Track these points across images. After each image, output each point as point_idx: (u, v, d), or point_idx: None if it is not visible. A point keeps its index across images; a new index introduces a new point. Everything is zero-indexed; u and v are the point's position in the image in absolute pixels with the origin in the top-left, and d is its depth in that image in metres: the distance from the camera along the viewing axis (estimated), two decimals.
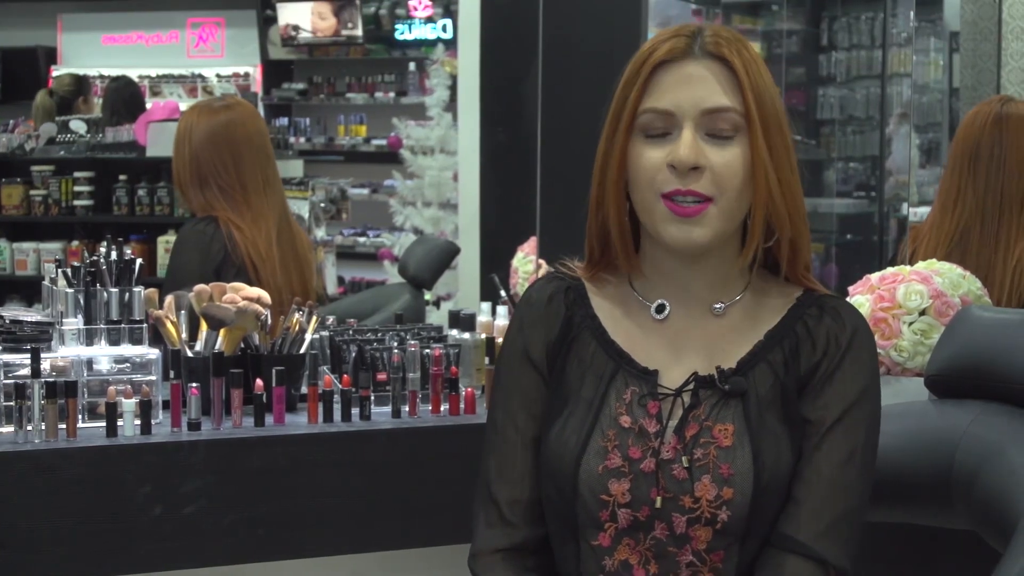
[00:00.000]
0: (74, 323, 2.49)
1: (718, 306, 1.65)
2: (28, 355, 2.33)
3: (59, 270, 2.57)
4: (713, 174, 1.57)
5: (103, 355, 2.48)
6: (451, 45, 7.22)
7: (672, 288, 1.66)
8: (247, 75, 9.01)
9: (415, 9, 8.61)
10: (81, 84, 6.97)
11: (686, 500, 1.56)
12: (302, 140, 8.73)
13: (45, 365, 2.37)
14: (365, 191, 8.55)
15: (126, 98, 6.31)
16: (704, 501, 1.56)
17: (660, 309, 1.66)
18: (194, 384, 2.42)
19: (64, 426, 2.33)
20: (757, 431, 1.57)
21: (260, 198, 3.26)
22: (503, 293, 3.42)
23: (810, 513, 1.57)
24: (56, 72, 8.97)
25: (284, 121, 8.53)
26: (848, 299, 2.40)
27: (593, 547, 1.60)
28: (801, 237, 1.63)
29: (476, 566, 1.68)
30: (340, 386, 2.54)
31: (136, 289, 2.56)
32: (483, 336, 2.77)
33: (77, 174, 5.57)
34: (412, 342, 2.66)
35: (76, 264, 2.57)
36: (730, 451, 1.56)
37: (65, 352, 2.46)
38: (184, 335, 2.55)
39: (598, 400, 1.63)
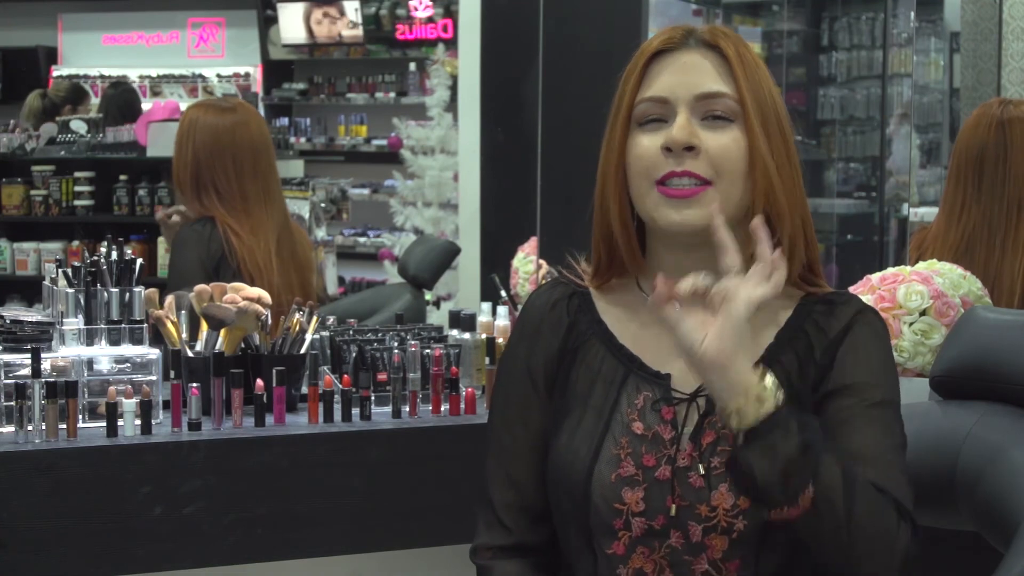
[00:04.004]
0: (74, 323, 2.49)
1: None
2: (28, 355, 2.33)
3: (59, 270, 2.57)
4: (709, 156, 1.56)
5: (103, 355, 2.48)
6: (451, 45, 7.22)
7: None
8: (247, 75, 9.01)
9: (415, 9, 8.61)
10: (75, 93, 6.92)
11: (702, 509, 1.55)
12: (302, 140, 8.73)
13: (45, 365, 2.37)
14: (365, 191, 8.54)
15: (120, 104, 6.31)
16: (721, 510, 1.54)
17: None
18: (194, 384, 2.42)
19: (64, 426, 2.32)
20: None
21: (260, 208, 3.23)
22: (503, 293, 3.41)
23: (875, 459, 1.55)
24: (57, 72, 8.97)
25: (284, 121, 8.53)
26: None
27: (608, 555, 1.59)
28: (799, 237, 1.61)
29: (476, 559, 1.69)
30: (340, 386, 2.54)
31: (136, 289, 2.56)
32: (483, 336, 2.76)
33: (77, 174, 5.56)
34: (412, 342, 2.65)
35: (76, 264, 2.56)
36: None
37: (65, 352, 2.45)
38: (184, 335, 2.55)
39: (608, 406, 1.61)
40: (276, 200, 3.30)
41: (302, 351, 2.59)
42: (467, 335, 2.81)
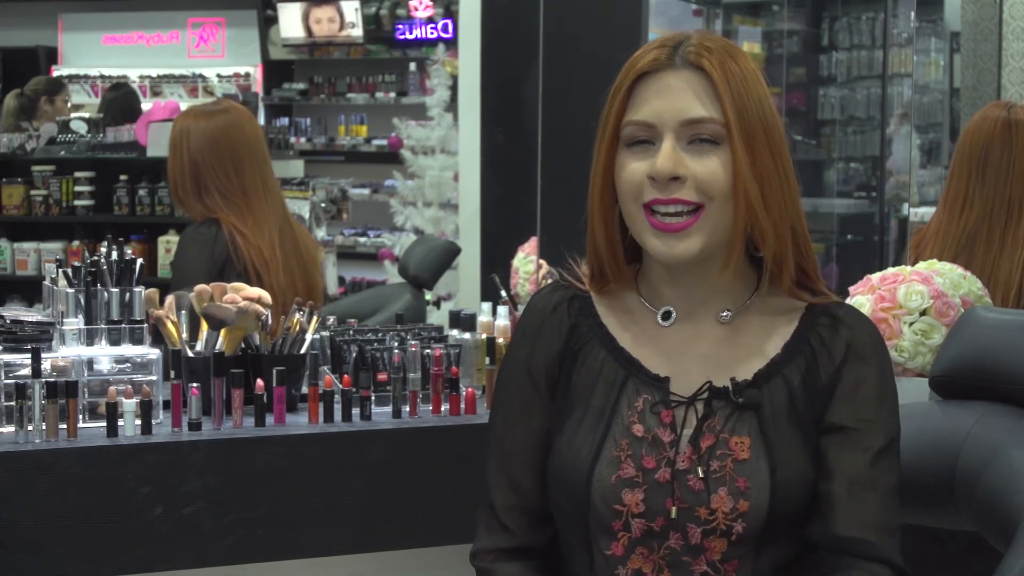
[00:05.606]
0: (75, 323, 2.49)
1: (724, 314, 1.64)
2: (29, 355, 2.33)
3: (60, 270, 2.57)
4: (697, 182, 1.56)
5: (104, 355, 2.48)
6: (452, 45, 7.22)
7: (677, 295, 1.65)
8: (248, 75, 9.02)
9: (415, 9, 8.61)
10: (49, 85, 6.91)
11: (702, 511, 1.55)
12: (303, 140, 8.73)
13: (46, 365, 2.37)
14: (366, 191, 8.55)
15: (123, 108, 6.30)
16: (720, 513, 1.55)
17: (666, 316, 1.65)
18: (195, 384, 2.42)
19: (65, 426, 2.32)
20: (773, 445, 1.56)
21: (261, 203, 3.25)
22: (503, 293, 3.41)
23: (876, 526, 1.57)
24: (57, 72, 8.98)
25: (285, 121, 8.54)
26: (849, 299, 2.40)
27: (606, 556, 1.59)
28: (786, 251, 1.61)
29: (477, 562, 1.69)
30: (341, 386, 2.54)
31: (136, 289, 2.56)
32: (483, 336, 2.76)
33: (78, 174, 5.57)
34: (413, 342, 2.65)
35: (77, 264, 2.56)
36: (746, 464, 1.55)
37: (66, 352, 2.45)
38: (185, 335, 2.55)
39: (609, 408, 1.62)
40: (274, 192, 3.33)
41: (302, 351, 2.59)
42: (467, 335, 2.81)
